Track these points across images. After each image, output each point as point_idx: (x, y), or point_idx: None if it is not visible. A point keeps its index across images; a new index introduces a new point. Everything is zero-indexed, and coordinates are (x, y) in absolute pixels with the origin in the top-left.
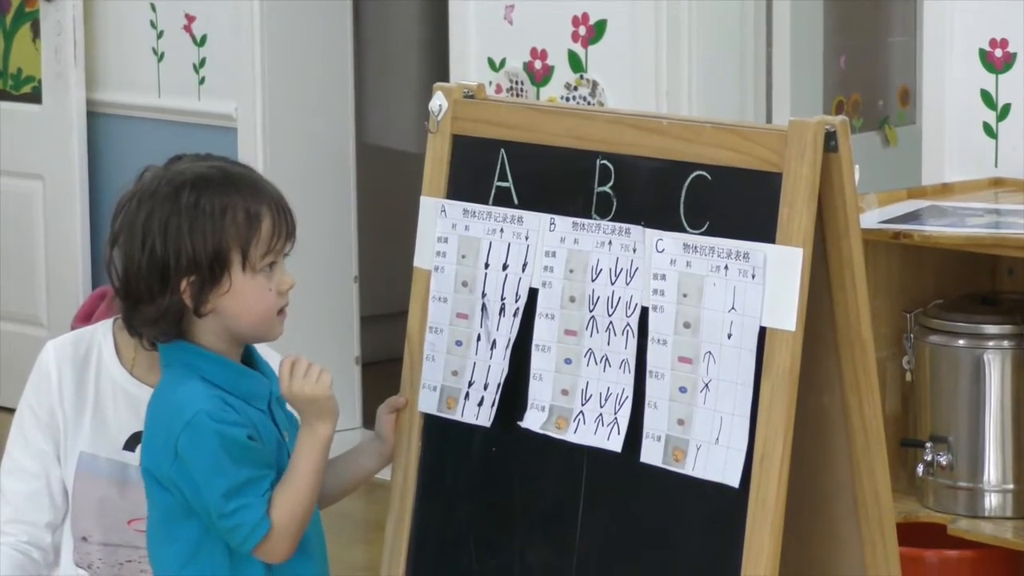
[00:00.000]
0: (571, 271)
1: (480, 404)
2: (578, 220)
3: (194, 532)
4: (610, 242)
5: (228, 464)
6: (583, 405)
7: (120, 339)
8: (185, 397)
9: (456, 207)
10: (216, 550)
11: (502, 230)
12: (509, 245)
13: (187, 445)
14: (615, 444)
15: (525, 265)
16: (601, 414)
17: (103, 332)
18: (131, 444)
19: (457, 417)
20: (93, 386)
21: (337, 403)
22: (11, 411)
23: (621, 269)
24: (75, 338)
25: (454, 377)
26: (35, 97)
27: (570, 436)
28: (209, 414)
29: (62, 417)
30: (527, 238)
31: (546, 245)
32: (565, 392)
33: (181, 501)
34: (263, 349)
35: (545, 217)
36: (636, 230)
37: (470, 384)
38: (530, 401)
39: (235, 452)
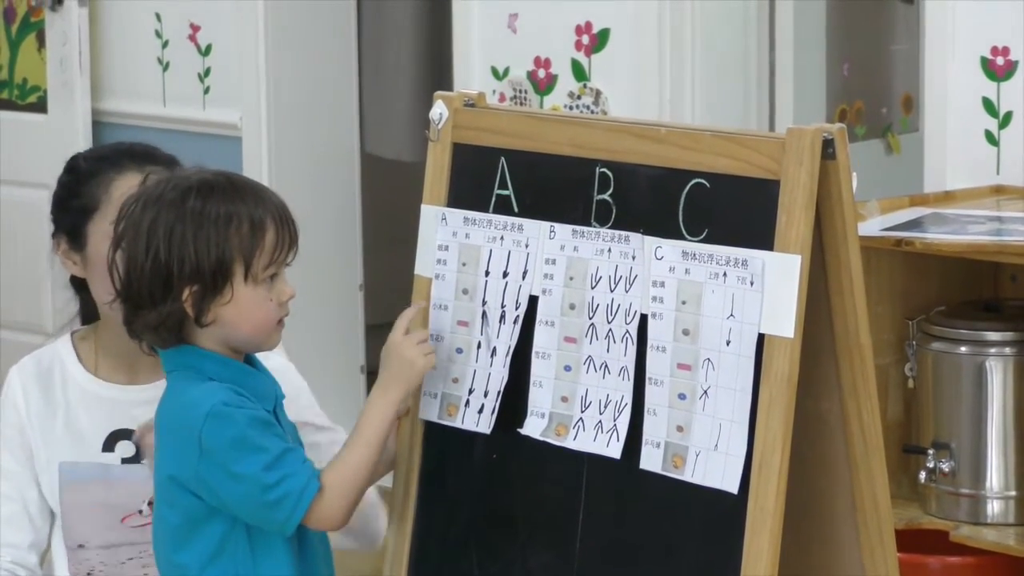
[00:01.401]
0: (571, 279)
1: (480, 411)
2: (577, 228)
3: (218, 532)
4: (609, 249)
5: (261, 439)
6: (583, 412)
7: (81, 348)
8: (198, 395)
9: (456, 215)
10: (239, 548)
11: (502, 238)
12: (509, 253)
13: (212, 435)
14: (614, 451)
15: (525, 273)
16: (600, 421)
17: (63, 344)
18: (109, 444)
19: (457, 424)
20: (61, 397)
21: (420, 381)
22: None
23: (620, 276)
24: (36, 356)
25: (455, 384)
26: (40, 107)
27: (570, 443)
28: (227, 403)
29: (31, 433)
30: (527, 246)
31: (546, 253)
32: (565, 399)
33: (209, 500)
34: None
35: (545, 225)
36: (635, 237)
37: (470, 391)
38: (530, 408)
39: (265, 428)
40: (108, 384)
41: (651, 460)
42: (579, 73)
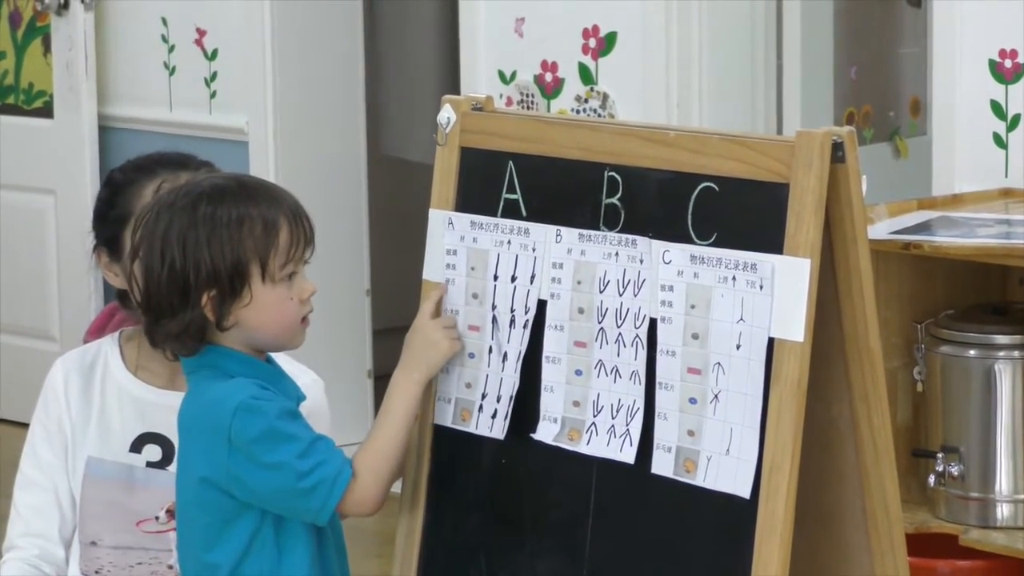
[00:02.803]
0: (579, 283)
1: (494, 416)
2: (584, 231)
3: (248, 529)
4: (617, 253)
5: (292, 428)
6: (595, 416)
7: (126, 349)
8: (224, 392)
9: (463, 219)
10: (266, 545)
11: (509, 242)
12: (517, 257)
13: (241, 429)
14: (628, 456)
15: (533, 277)
16: (613, 425)
17: (109, 343)
18: (137, 446)
19: (472, 429)
20: (99, 392)
21: (444, 364)
22: (25, 426)
23: (629, 280)
24: (82, 350)
25: (468, 389)
26: (47, 112)
27: (583, 448)
28: (255, 396)
29: (69, 425)
30: (534, 250)
31: (553, 256)
32: (576, 404)
33: (241, 496)
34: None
35: (551, 229)
36: (643, 241)
37: (483, 396)
38: (542, 413)
39: (293, 418)
40: (145, 386)
41: (663, 464)
42: (586, 77)
